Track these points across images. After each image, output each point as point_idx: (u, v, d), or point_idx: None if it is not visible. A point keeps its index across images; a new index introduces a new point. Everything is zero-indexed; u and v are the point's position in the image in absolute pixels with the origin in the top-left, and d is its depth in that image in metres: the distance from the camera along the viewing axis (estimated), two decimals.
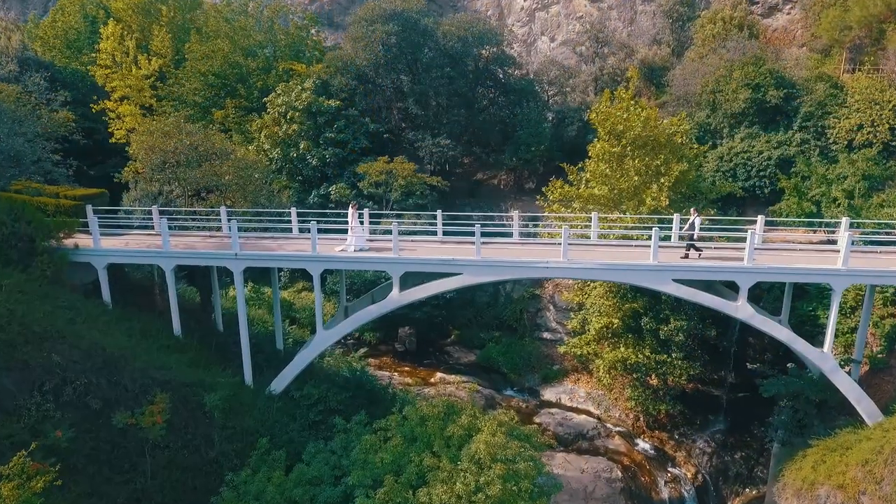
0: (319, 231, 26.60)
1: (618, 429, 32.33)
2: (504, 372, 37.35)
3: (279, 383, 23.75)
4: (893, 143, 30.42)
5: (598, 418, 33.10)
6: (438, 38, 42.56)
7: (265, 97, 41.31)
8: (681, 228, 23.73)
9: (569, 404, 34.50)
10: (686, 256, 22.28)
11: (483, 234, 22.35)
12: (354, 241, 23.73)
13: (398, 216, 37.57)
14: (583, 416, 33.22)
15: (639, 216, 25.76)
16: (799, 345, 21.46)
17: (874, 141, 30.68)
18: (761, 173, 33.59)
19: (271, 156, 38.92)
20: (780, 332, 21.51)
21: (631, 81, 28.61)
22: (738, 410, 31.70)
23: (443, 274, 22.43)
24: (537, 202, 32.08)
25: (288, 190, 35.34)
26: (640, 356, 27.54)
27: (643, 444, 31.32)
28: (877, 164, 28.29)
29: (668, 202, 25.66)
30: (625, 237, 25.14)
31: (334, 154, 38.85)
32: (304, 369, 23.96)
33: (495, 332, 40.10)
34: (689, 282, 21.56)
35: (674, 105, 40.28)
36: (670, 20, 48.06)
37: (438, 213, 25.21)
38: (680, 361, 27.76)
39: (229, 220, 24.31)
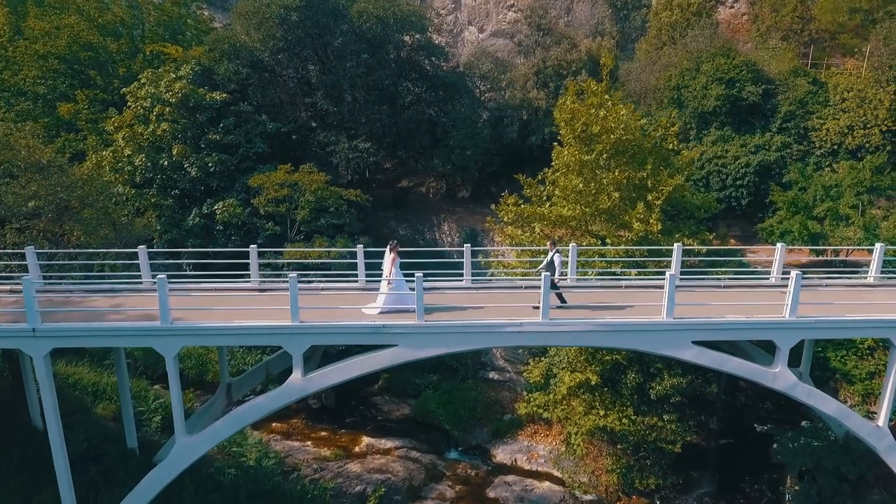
0: (185, 279, 18.55)
1: (588, 497, 26.43)
2: (446, 428, 30.48)
3: None
4: (889, 147, 26.37)
5: (564, 484, 27.10)
6: (352, 19, 34.93)
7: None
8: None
9: (527, 467, 28.17)
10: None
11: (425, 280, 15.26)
12: (393, 301, 15.38)
13: (306, 241, 29.65)
14: (546, 484, 26.98)
15: (625, 248, 19.68)
16: (852, 420, 16.15)
17: (867, 145, 26.62)
18: (738, 182, 28.86)
19: (134, 163, 29.67)
20: (829, 405, 16.08)
21: (604, 70, 22.51)
22: (726, 464, 26.82)
23: (369, 346, 15.25)
24: (487, 224, 25.46)
25: (154, 210, 26.31)
26: (624, 422, 21.54)
27: None
28: (881, 172, 24.03)
29: (660, 226, 19.73)
30: (611, 275, 19.01)
31: (220, 161, 30.16)
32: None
33: (432, 376, 33.07)
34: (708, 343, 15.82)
35: (627, 103, 35.15)
36: (612, 9, 43.59)
37: (359, 249, 17.78)
38: (673, 425, 22.10)
39: (33, 273, 15.71)
